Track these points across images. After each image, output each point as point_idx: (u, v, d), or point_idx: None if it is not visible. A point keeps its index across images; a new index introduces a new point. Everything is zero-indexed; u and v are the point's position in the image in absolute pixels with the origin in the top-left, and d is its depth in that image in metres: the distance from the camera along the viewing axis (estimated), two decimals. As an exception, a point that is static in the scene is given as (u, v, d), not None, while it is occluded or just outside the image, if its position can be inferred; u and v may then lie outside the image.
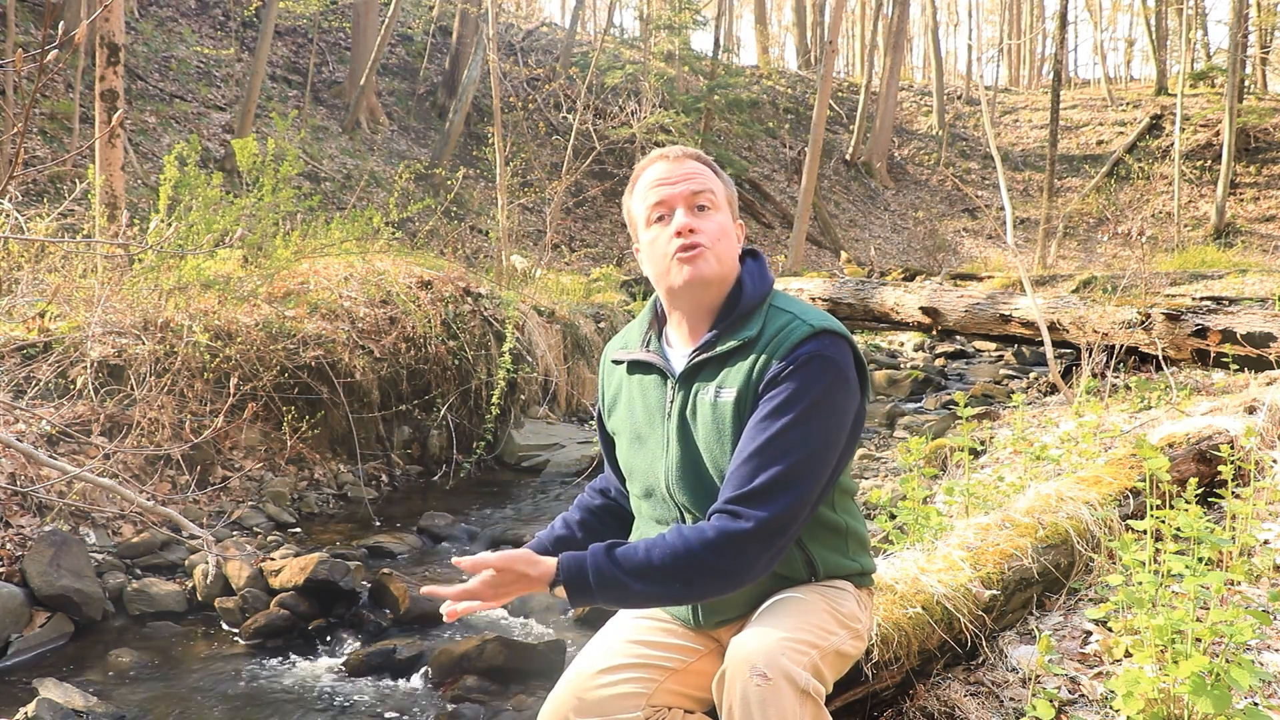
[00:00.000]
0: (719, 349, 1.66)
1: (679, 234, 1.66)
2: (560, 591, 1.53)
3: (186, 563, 4.12)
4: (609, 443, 1.92)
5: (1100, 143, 26.70)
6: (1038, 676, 2.30)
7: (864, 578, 1.78)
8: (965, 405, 4.02)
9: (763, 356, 1.61)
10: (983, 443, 5.23)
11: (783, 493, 1.52)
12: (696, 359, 1.69)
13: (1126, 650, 2.32)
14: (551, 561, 1.55)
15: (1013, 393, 6.49)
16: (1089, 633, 2.55)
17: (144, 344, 4.92)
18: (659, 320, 1.82)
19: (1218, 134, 23.30)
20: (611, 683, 1.69)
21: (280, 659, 3.44)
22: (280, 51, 18.11)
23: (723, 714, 1.54)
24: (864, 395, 1.67)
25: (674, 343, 1.77)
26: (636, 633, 1.78)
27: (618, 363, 1.83)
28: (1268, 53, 27.75)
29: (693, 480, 1.67)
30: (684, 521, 1.70)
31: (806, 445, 1.54)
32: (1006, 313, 7.56)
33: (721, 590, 1.56)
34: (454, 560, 1.54)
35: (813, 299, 9.11)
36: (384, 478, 5.82)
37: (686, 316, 1.73)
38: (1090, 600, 2.73)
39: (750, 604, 1.69)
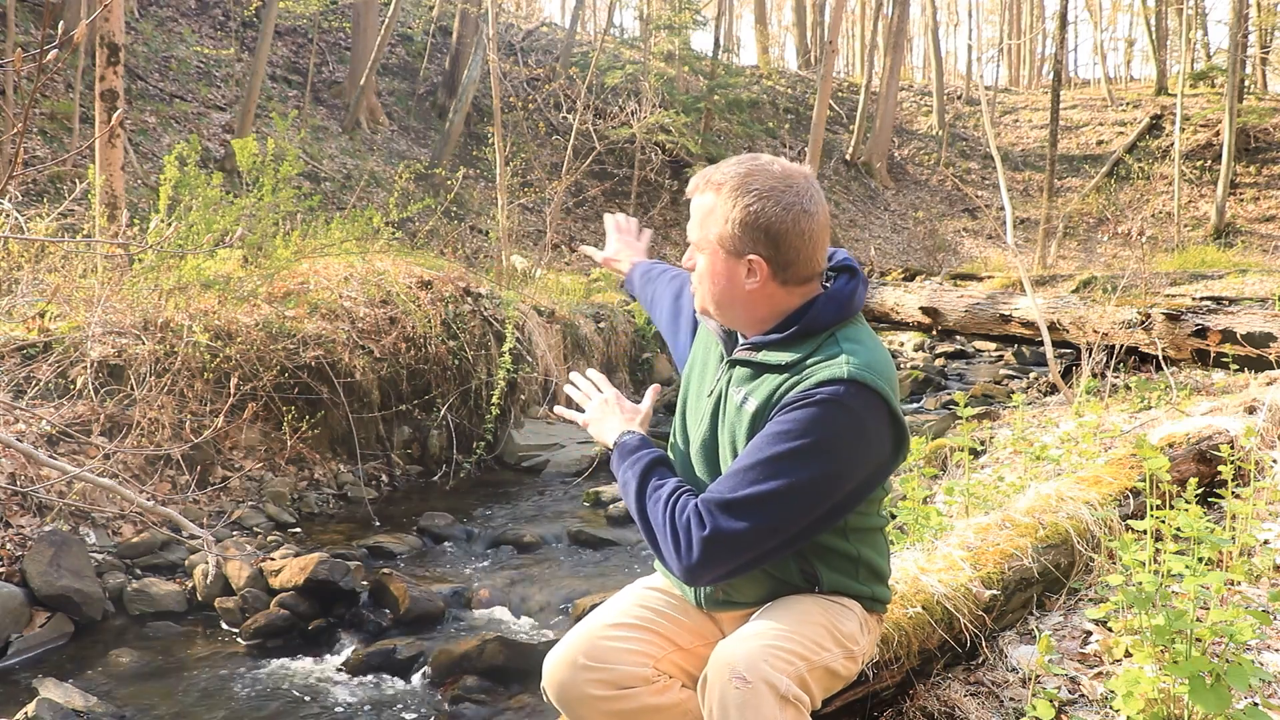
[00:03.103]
0: (760, 356, 1.65)
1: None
2: (609, 443, 1.76)
3: (186, 563, 4.12)
4: (677, 322, 2.07)
5: (1100, 143, 26.70)
6: (1038, 676, 2.30)
7: (875, 604, 1.76)
8: (965, 405, 4.02)
9: (789, 381, 1.58)
10: (983, 443, 5.23)
11: (750, 514, 1.51)
12: (742, 354, 1.70)
13: (1126, 650, 2.32)
14: (635, 425, 1.79)
15: (1013, 393, 6.49)
16: (1089, 633, 2.55)
17: (144, 344, 4.91)
18: None
19: (1218, 134, 23.29)
20: (624, 637, 1.71)
21: (280, 659, 3.44)
22: (280, 51, 18.11)
23: (705, 716, 1.54)
24: (897, 453, 1.62)
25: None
26: (650, 601, 1.81)
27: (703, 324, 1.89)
28: (1268, 53, 27.75)
29: (709, 459, 1.71)
30: (700, 492, 1.72)
31: (790, 480, 1.51)
32: (1006, 313, 7.55)
33: (669, 569, 1.62)
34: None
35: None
36: (384, 478, 5.82)
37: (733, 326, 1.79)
38: (1090, 600, 2.73)
39: (755, 597, 1.70)
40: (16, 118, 10.17)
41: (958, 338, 9.82)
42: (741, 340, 1.72)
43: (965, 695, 2.24)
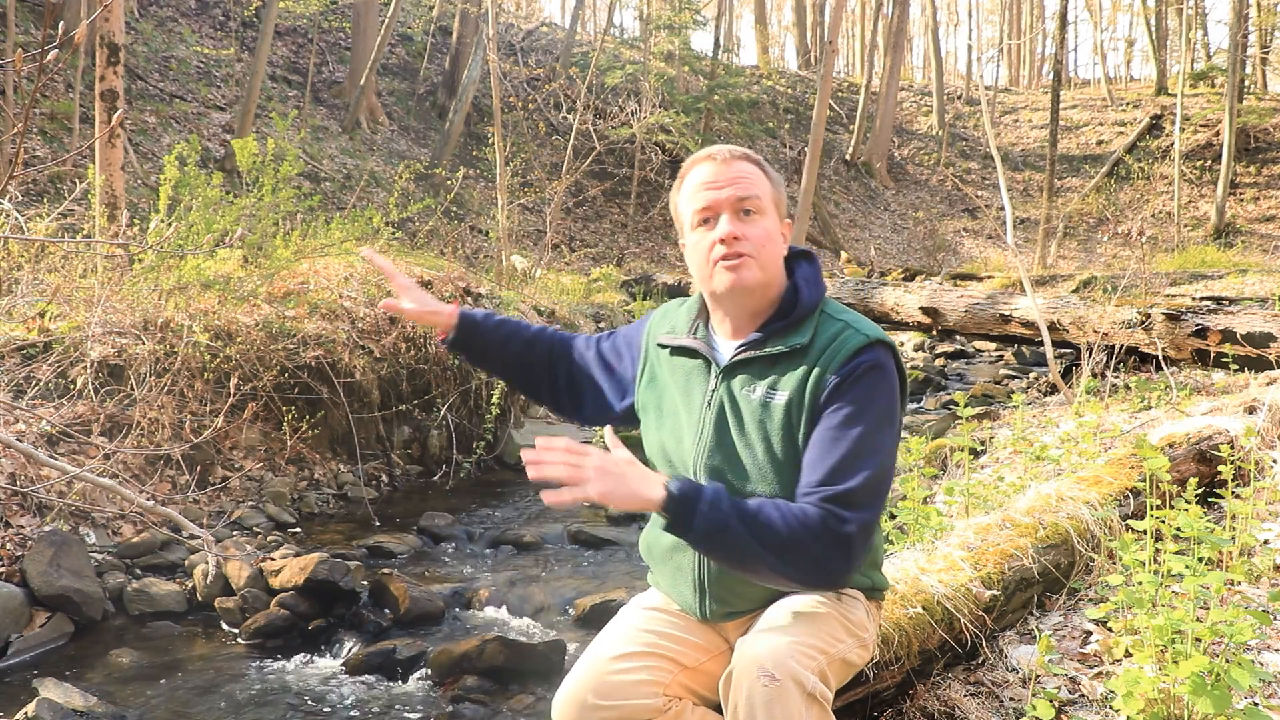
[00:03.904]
0: (768, 350, 1.67)
1: (723, 241, 1.66)
2: (659, 497, 1.50)
3: (186, 563, 4.12)
4: (613, 375, 1.95)
5: (1100, 143, 26.70)
6: (1038, 676, 2.30)
7: (874, 591, 1.79)
8: (965, 405, 4.02)
9: (818, 365, 1.62)
10: (983, 443, 5.23)
11: (872, 498, 1.55)
12: (742, 355, 1.70)
13: (1126, 650, 2.32)
14: (661, 475, 1.55)
15: (1013, 393, 6.49)
16: (1089, 633, 2.55)
17: (144, 344, 4.91)
18: (706, 311, 1.83)
19: (1218, 134, 23.30)
20: (631, 669, 1.70)
21: (280, 659, 3.44)
22: (280, 51, 18.11)
23: (728, 714, 1.53)
24: (905, 402, 1.72)
25: (719, 334, 1.78)
26: (650, 623, 1.79)
27: (664, 346, 1.84)
28: (1268, 53, 27.75)
29: (720, 471, 1.69)
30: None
31: (882, 452, 1.57)
32: (1006, 313, 7.56)
33: (815, 585, 1.59)
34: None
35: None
36: (384, 478, 5.81)
37: (730, 316, 1.74)
38: (1090, 600, 2.73)
39: (759, 602, 1.70)
40: (16, 118, 10.17)
41: (958, 338, 9.82)
42: (738, 344, 1.72)
43: (965, 695, 2.24)
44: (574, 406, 2.01)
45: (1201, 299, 8.73)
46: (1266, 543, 2.99)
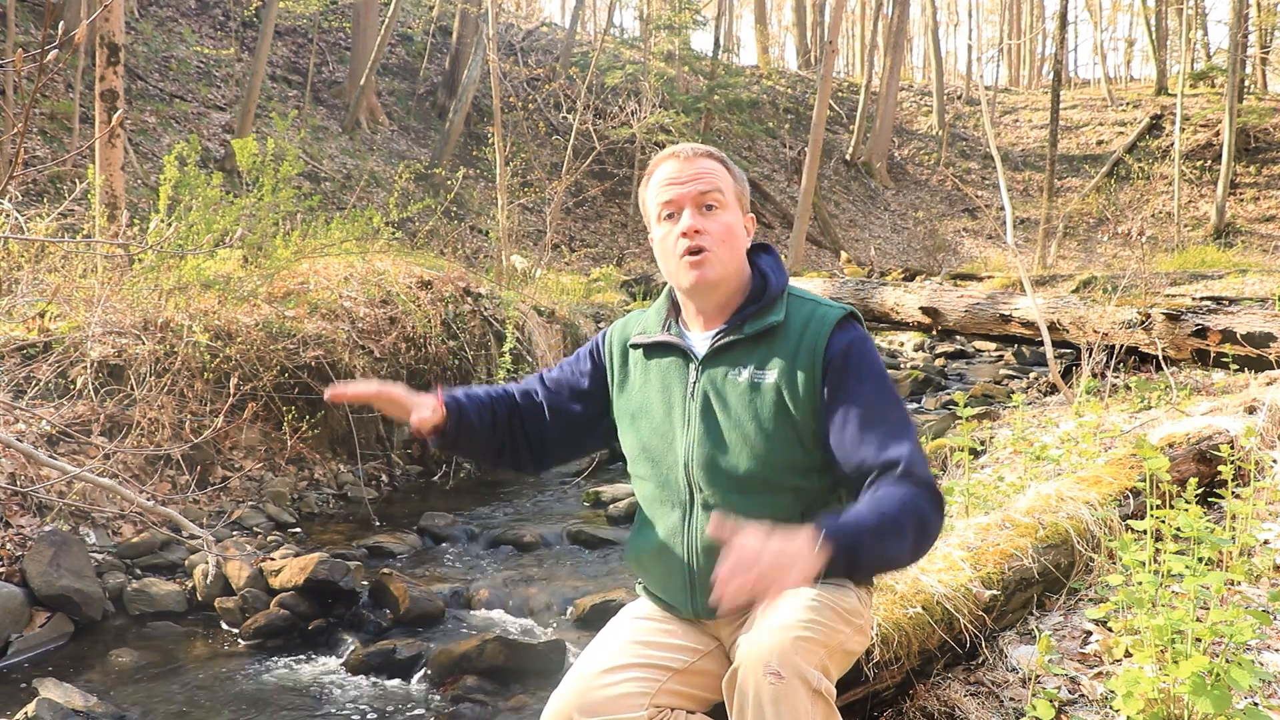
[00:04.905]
0: (746, 331, 1.72)
1: (685, 235, 1.72)
2: (820, 551, 1.42)
3: (186, 563, 4.12)
4: (577, 403, 1.92)
5: (1100, 143, 26.71)
6: (1038, 676, 2.30)
7: None
8: (965, 405, 4.02)
9: (803, 343, 1.68)
10: (983, 443, 5.22)
11: (920, 446, 1.66)
12: (721, 341, 1.74)
13: (1126, 650, 2.32)
14: (796, 539, 1.43)
15: (1013, 393, 6.49)
16: (1089, 633, 2.55)
17: (144, 344, 4.91)
18: (676, 308, 1.86)
19: (1218, 134, 23.31)
20: (615, 683, 1.70)
21: (280, 659, 3.44)
22: (280, 51, 18.11)
23: (732, 713, 1.52)
24: None
25: (691, 328, 1.82)
26: (638, 633, 1.79)
27: (636, 346, 1.86)
28: (1268, 53, 27.75)
29: (712, 458, 1.71)
30: (693, 502, 1.73)
31: (903, 405, 1.70)
32: (1006, 313, 7.56)
33: (928, 549, 1.62)
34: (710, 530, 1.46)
35: (813, 299, 9.09)
36: (384, 478, 5.81)
37: (701, 310, 1.79)
38: (1090, 600, 2.73)
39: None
40: (16, 118, 10.17)
41: (958, 338, 9.82)
42: (713, 333, 1.76)
43: (965, 695, 2.24)
44: (536, 459, 1.95)
45: (1201, 299, 8.73)
46: (1266, 543, 3.00)
